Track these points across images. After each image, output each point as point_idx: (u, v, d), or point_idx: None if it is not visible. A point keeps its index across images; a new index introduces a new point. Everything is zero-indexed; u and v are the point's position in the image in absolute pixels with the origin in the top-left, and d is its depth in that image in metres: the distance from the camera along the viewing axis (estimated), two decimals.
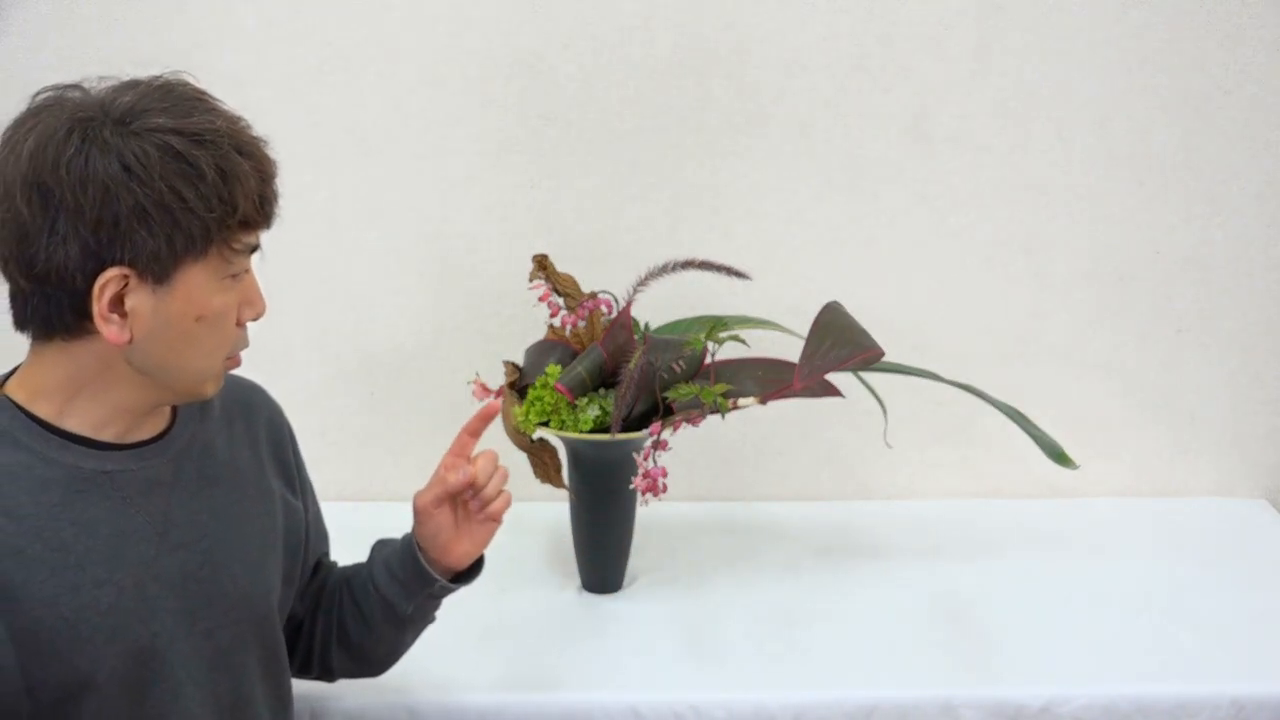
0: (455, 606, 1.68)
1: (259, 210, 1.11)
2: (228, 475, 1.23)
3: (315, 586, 1.40)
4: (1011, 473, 2.00)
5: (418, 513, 1.30)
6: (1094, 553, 1.86)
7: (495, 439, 1.70)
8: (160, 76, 1.11)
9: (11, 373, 1.15)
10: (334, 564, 1.44)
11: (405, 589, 1.32)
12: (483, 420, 1.31)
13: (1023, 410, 1.68)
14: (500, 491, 1.30)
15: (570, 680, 1.54)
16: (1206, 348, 2.00)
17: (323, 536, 1.42)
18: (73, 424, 1.11)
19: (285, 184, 2.00)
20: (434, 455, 1.33)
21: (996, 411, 1.67)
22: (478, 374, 1.70)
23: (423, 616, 1.37)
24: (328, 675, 1.42)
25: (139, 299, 1.07)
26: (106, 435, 1.13)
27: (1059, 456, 1.66)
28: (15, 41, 1.86)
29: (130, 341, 1.08)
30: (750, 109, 1.91)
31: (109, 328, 1.07)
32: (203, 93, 1.12)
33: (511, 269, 1.83)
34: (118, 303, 1.06)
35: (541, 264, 1.68)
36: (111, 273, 1.05)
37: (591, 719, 1.50)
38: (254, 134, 1.13)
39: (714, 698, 1.50)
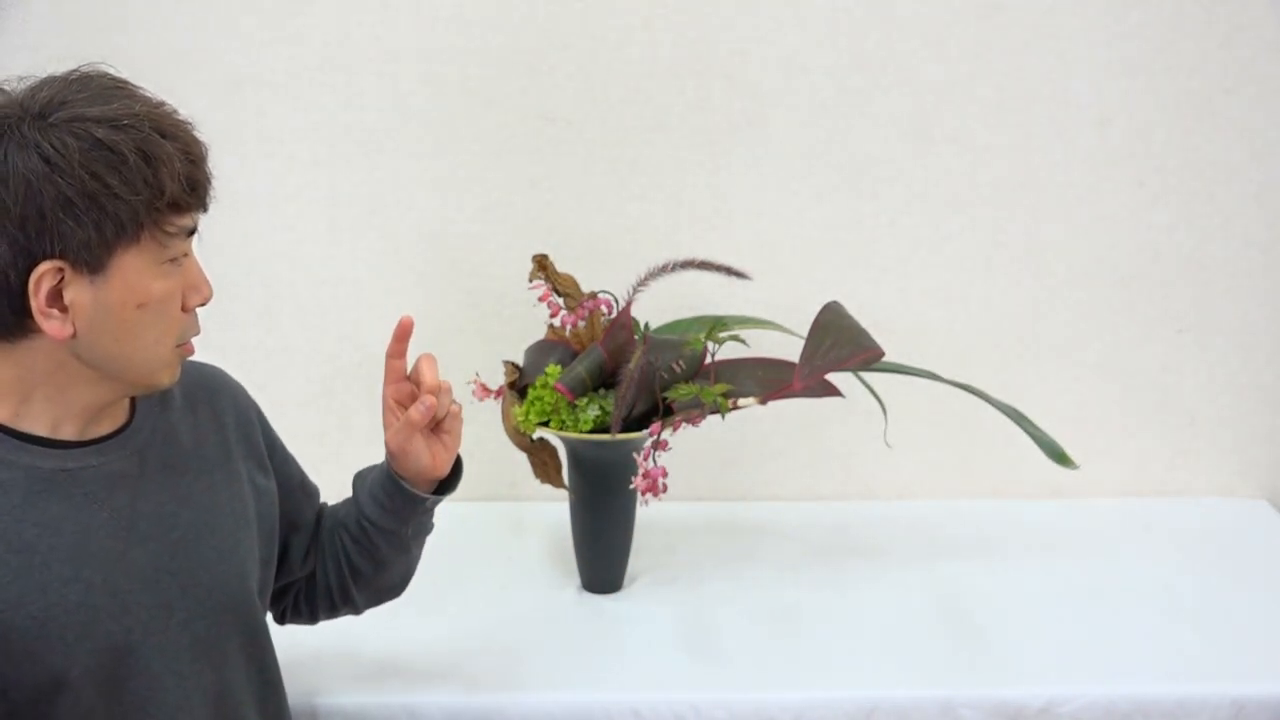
0: (456, 606, 1.69)
1: (188, 192, 1.09)
2: (194, 463, 1.22)
3: (316, 538, 1.41)
4: (1011, 473, 2.00)
5: (394, 455, 1.30)
6: (1094, 553, 1.85)
7: (496, 439, 1.70)
8: (77, 69, 1.10)
9: None
10: (324, 506, 1.45)
11: (399, 516, 1.33)
12: (400, 341, 1.29)
13: (1023, 410, 1.68)
14: (452, 402, 1.29)
15: (570, 680, 1.54)
16: (1206, 348, 2.00)
17: (314, 497, 1.43)
18: (28, 425, 1.11)
19: (286, 184, 2.01)
20: None
21: (996, 411, 1.67)
22: (477, 374, 1.70)
23: (423, 530, 1.38)
24: (354, 610, 1.44)
25: (77, 291, 1.06)
26: (64, 433, 1.13)
27: (1059, 456, 1.66)
28: (14, 41, 1.86)
29: (74, 336, 1.08)
30: (750, 109, 1.91)
31: (50, 323, 1.06)
32: (122, 81, 1.11)
33: (511, 269, 1.83)
34: (56, 297, 1.06)
35: (541, 264, 1.68)
36: (44, 266, 1.05)
37: (591, 719, 1.49)
38: (179, 117, 1.11)
39: (714, 698, 1.50)
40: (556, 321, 1.69)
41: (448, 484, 1.34)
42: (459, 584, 1.76)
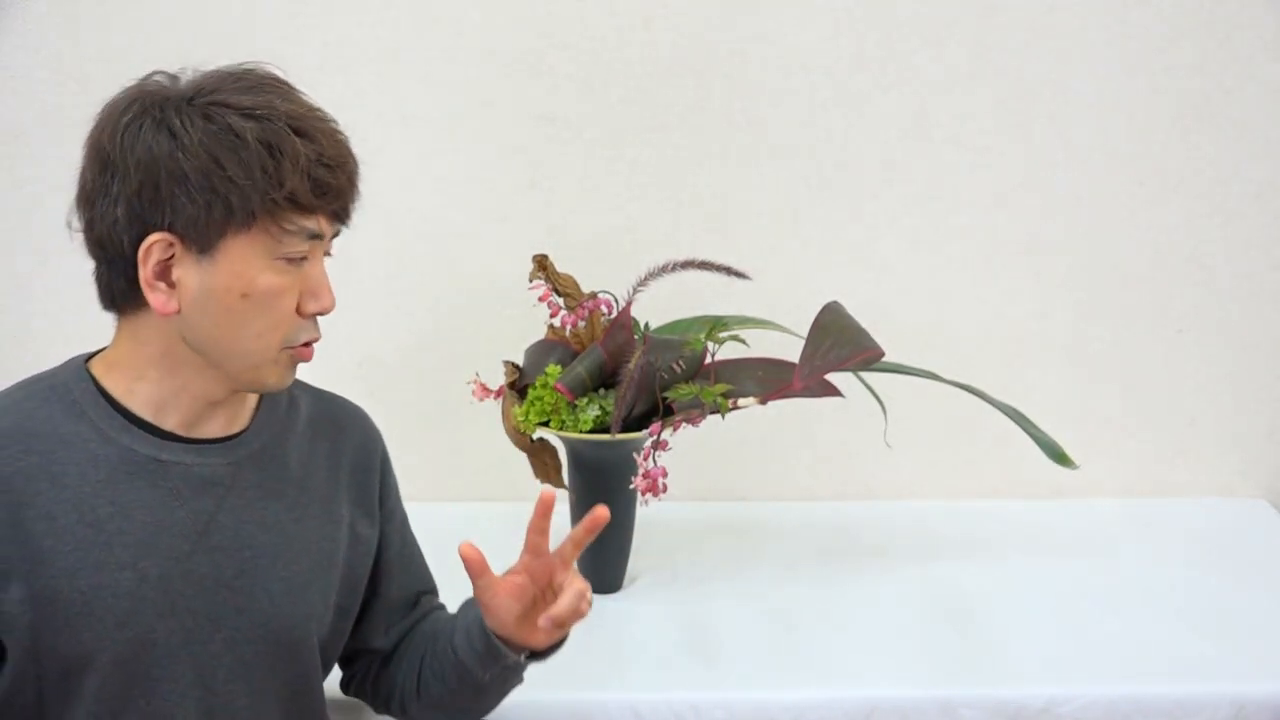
0: (456, 607, 1.69)
1: (312, 192, 1.10)
2: (292, 492, 1.21)
3: (407, 624, 1.35)
4: (1011, 473, 2.00)
5: (477, 595, 1.22)
6: (1094, 553, 1.85)
7: (496, 439, 1.70)
8: (244, 64, 1.13)
9: (104, 349, 1.18)
10: (438, 608, 1.38)
11: (481, 660, 1.24)
12: (544, 516, 1.19)
13: (1023, 410, 1.68)
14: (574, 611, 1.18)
15: (570, 680, 1.53)
16: (1206, 348, 2.00)
17: (414, 574, 1.37)
18: (138, 403, 1.13)
19: None
20: (433, 454, 1.33)
21: (996, 411, 1.67)
22: (477, 374, 1.70)
23: (503, 684, 1.29)
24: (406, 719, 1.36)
25: (185, 270, 1.09)
26: (169, 423, 1.14)
27: (1059, 456, 1.66)
28: (15, 41, 1.86)
29: (178, 312, 1.09)
30: (750, 109, 1.91)
31: (155, 295, 1.09)
32: (282, 81, 1.13)
33: (511, 269, 1.83)
34: (165, 271, 1.08)
35: (541, 264, 1.68)
36: (154, 237, 1.07)
37: (591, 719, 1.49)
38: (329, 125, 1.13)
39: (714, 698, 1.50)
40: (556, 321, 1.69)
41: (543, 654, 1.26)
42: (459, 584, 1.75)
